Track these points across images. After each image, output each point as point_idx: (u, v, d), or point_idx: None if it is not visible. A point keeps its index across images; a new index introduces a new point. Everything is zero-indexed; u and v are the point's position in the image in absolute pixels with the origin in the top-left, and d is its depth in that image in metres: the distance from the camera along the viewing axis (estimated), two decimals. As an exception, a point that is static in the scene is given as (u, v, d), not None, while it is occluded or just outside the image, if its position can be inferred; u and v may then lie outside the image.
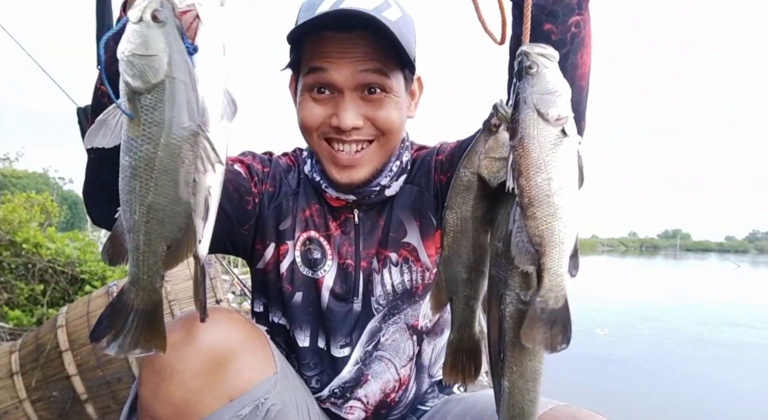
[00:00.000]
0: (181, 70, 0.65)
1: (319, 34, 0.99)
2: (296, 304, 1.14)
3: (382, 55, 1.00)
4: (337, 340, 1.14)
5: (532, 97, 0.64)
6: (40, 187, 14.01)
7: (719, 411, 3.86)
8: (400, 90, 1.05)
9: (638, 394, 4.10)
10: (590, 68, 0.84)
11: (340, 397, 1.15)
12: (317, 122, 1.04)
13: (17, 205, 4.06)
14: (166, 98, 0.64)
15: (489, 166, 0.69)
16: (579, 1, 0.80)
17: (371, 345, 1.15)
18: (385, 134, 1.05)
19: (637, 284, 15.03)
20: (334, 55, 0.99)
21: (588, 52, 0.82)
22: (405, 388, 1.17)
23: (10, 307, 3.37)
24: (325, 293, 1.13)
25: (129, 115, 0.65)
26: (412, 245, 1.14)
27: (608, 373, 4.72)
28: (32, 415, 2.06)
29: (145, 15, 0.64)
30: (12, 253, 3.59)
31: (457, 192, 0.71)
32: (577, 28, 0.79)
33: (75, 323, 2.12)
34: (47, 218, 4.74)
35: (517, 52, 0.67)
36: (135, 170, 0.65)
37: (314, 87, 1.02)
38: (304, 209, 1.15)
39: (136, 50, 0.64)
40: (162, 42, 0.64)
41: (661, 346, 6.15)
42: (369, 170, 1.07)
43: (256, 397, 0.95)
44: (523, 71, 0.65)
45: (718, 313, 8.97)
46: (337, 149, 1.05)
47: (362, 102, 1.02)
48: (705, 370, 5.06)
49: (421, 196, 1.15)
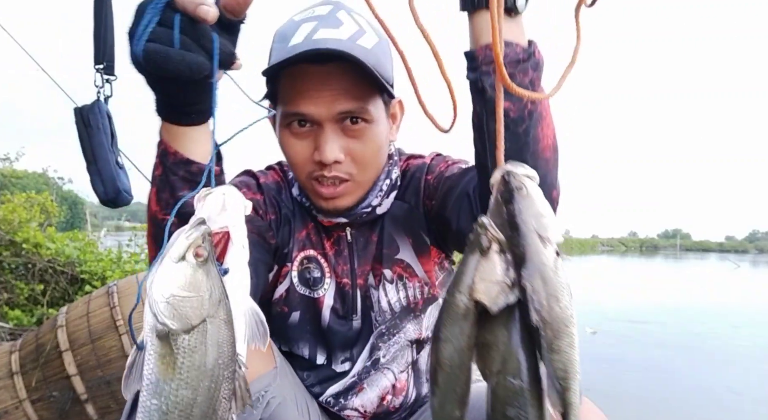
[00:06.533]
0: (223, 306, 0.61)
1: (294, 67, 0.95)
2: (293, 323, 1.14)
3: (360, 85, 0.96)
4: (338, 357, 1.14)
5: (531, 220, 0.60)
6: (40, 187, 13.99)
7: (719, 411, 3.86)
8: (381, 117, 1.02)
9: (635, 394, 4.10)
10: (554, 139, 0.82)
11: (334, 405, 1.15)
12: (303, 160, 1.01)
13: (17, 205, 4.05)
14: (209, 339, 0.59)
15: (487, 291, 0.61)
16: (531, 80, 0.78)
17: (370, 361, 1.15)
18: (363, 171, 1.03)
19: (637, 284, 15.02)
20: (312, 89, 0.95)
21: (548, 124, 0.81)
22: (405, 394, 1.18)
23: (10, 307, 3.37)
24: (326, 312, 1.12)
25: (140, 347, 0.58)
26: (406, 262, 1.13)
27: (604, 371, 4.72)
28: (32, 415, 2.06)
29: (189, 255, 0.59)
30: (12, 253, 3.59)
31: (453, 321, 0.62)
32: (533, 104, 0.78)
33: (75, 323, 2.12)
34: (47, 218, 4.74)
35: (501, 171, 0.63)
36: (167, 416, 0.58)
37: (293, 121, 0.99)
38: (300, 230, 1.13)
39: (179, 292, 0.58)
40: (205, 281, 0.59)
41: (659, 346, 6.15)
42: (353, 199, 1.05)
43: (257, 389, 0.96)
44: (513, 192, 0.61)
45: (717, 313, 8.98)
46: (321, 182, 1.02)
47: (343, 134, 0.98)
48: (704, 370, 5.06)
49: (411, 214, 1.13)
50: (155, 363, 0.58)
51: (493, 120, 0.75)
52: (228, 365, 0.61)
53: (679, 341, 6.52)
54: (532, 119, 0.78)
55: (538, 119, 0.79)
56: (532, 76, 0.78)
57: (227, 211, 0.65)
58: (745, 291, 14.39)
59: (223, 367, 0.60)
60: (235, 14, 0.68)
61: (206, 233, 0.60)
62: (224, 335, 0.60)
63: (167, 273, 0.58)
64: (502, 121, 0.69)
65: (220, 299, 0.60)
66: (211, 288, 0.59)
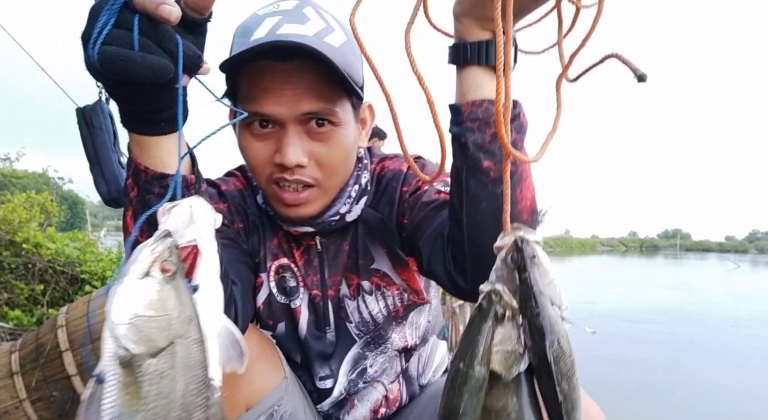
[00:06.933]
0: (193, 325, 0.55)
1: (255, 63, 0.89)
2: (281, 335, 1.10)
3: (327, 85, 0.90)
4: (316, 372, 1.10)
5: (546, 289, 0.61)
6: (40, 187, 14.00)
7: (719, 410, 3.86)
8: (349, 120, 0.96)
9: (635, 393, 4.10)
10: (532, 200, 0.79)
11: (327, 418, 1.14)
12: (263, 162, 0.94)
13: (17, 205, 4.05)
14: (178, 363, 0.53)
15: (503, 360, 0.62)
16: (513, 141, 0.75)
17: (355, 373, 1.11)
18: (330, 177, 0.96)
19: (637, 284, 15.02)
20: (274, 87, 0.89)
21: (527, 186, 0.78)
22: (398, 403, 1.15)
23: (10, 307, 3.37)
24: (303, 324, 1.09)
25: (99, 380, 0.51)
26: (382, 271, 1.08)
27: (604, 371, 4.72)
28: (32, 415, 2.05)
29: (154, 270, 0.53)
30: (12, 253, 3.59)
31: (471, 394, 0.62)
32: (515, 165, 0.75)
33: (75, 323, 2.12)
34: (47, 218, 4.74)
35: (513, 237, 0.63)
36: None
37: (254, 120, 0.92)
38: (271, 238, 1.08)
39: (143, 312, 0.51)
40: (173, 298, 0.53)
41: (659, 345, 6.15)
42: (317, 207, 0.99)
43: (270, 404, 0.95)
44: (527, 261, 0.61)
45: (717, 313, 8.98)
46: (282, 187, 0.95)
47: (307, 137, 0.92)
48: (704, 370, 5.06)
49: (384, 225, 1.06)
50: (117, 394, 0.51)
51: (473, 177, 0.76)
52: (200, 391, 0.54)
53: (679, 341, 6.52)
54: (512, 180, 0.75)
55: (518, 180, 0.76)
56: (515, 137, 0.76)
57: (195, 223, 0.60)
58: (745, 291, 14.39)
59: (195, 393, 0.54)
60: (199, 11, 0.63)
61: (173, 246, 0.55)
62: (196, 358, 0.54)
63: (130, 291, 0.52)
64: (509, 183, 0.68)
65: (191, 318, 0.54)
66: (180, 306, 0.54)
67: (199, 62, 0.62)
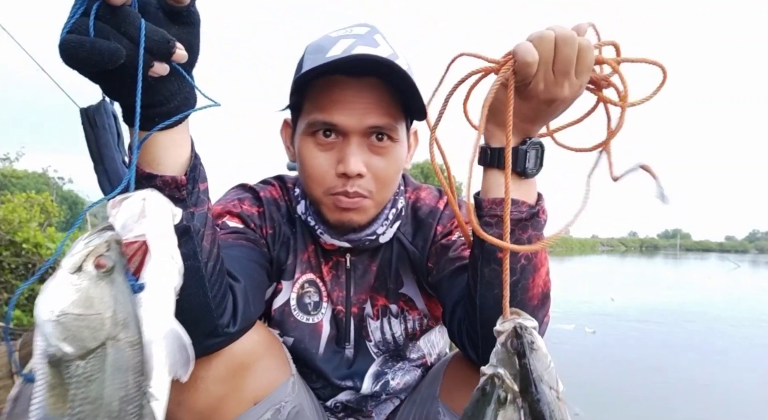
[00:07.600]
0: (129, 326, 0.50)
1: (329, 77, 0.94)
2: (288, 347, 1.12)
3: (392, 103, 0.96)
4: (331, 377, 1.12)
5: (544, 375, 0.65)
6: (40, 187, 14.00)
7: (719, 410, 3.86)
8: (404, 139, 1.02)
9: (635, 393, 4.10)
10: (544, 287, 0.84)
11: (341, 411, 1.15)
12: (323, 172, 0.97)
13: (17, 205, 4.06)
14: (108, 367, 0.49)
15: None
16: (529, 236, 0.80)
17: (378, 386, 1.13)
18: (381, 191, 1.00)
19: (637, 284, 15.02)
20: (346, 99, 0.94)
21: (540, 275, 0.82)
22: None
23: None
24: (324, 338, 1.11)
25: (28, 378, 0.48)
26: (408, 296, 1.13)
27: (604, 371, 4.72)
28: (32, 415, 2.05)
29: (87, 265, 0.49)
30: (12, 253, 3.59)
31: None
32: (527, 259, 0.81)
33: (75, 323, 2.12)
34: (47, 218, 4.74)
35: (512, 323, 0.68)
36: None
37: (320, 130, 0.96)
38: (303, 250, 1.11)
39: (71, 309, 0.48)
40: (107, 295, 0.49)
41: (659, 345, 6.15)
42: (368, 217, 1.02)
43: (277, 400, 0.96)
44: (526, 347, 0.66)
45: (717, 313, 8.97)
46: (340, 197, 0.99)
47: (368, 149, 0.97)
48: (704, 369, 5.06)
49: (417, 258, 1.11)
50: (44, 395, 0.47)
51: (487, 266, 0.81)
52: (133, 399, 0.50)
53: (679, 341, 6.52)
54: (523, 273, 0.80)
55: (531, 271, 0.81)
56: (530, 233, 0.81)
57: (147, 218, 0.56)
58: (745, 291, 14.39)
59: (126, 400, 0.50)
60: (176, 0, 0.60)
61: (113, 240, 0.51)
62: (129, 362, 0.50)
63: (59, 286, 0.48)
64: (508, 270, 0.74)
65: (126, 319, 0.50)
66: (115, 305, 0.50)
67: (167, 47, 0.59)
